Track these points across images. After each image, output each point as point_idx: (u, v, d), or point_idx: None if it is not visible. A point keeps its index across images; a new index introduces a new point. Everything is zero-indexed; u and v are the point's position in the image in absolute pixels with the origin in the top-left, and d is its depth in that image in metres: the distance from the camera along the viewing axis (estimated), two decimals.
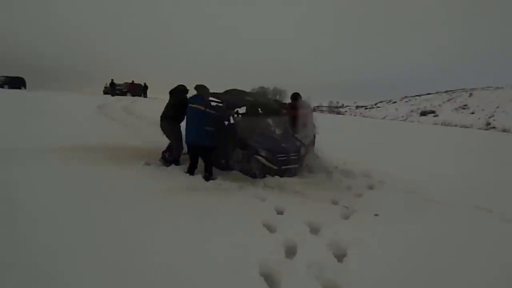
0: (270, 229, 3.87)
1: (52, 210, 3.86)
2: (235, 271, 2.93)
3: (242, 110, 7.50)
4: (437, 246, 3.73)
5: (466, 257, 3.52)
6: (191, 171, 5.83)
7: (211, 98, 6.51)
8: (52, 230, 3.39)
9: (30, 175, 4.96)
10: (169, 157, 6.46)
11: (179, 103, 6.35)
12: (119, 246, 3.21)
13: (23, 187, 4.47)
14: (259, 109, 7.49)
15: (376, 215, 4.49)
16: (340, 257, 3.38)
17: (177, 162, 6.36)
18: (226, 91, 7.47)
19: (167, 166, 6.21)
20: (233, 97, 7.13)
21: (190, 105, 5.82)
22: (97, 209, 3.99)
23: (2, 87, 28.78)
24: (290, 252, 3.40)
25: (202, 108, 5.72)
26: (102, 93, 32.17)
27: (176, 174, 5.78)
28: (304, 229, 3.91)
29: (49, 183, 4.74)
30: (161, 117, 6.55)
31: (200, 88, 6.01)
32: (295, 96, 7.35)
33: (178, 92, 6.60)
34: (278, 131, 6.68)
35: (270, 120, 6.95)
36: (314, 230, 3.93)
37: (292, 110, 7.04)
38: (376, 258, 3.36)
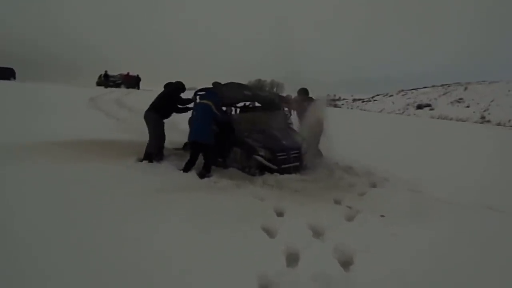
0: (270, 233, 3.56)
1: (33, 212, 3.55)
2: (231, 284, 2.64)
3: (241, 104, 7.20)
4: (452, 250, 3.44)
5: (484, 263, 3.25)
6: (187, 168, 5.52)
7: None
8: (33, 232, 3.13)
9: (9, 175, 4.60)
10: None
11: (166, 95, 6.18)
12: (104, 248, 2.94)
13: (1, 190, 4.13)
14: (258, 103, 7.14)
15: (382, 216, 4.20)
16: (346, 265, 3.10)
17: (150, 159, 5.91)
18: (224, 84, 7.12)
19: (160, 162, 5.91)
20: (230, 91, 6.75)
21: (200, 101, 5.66)
22: (81, 209, 3.68)
23: None
24: (292, 260, 3.10)
25: (210, 104, 5.51)
26: (96, 84, 31.17)
27: (169, 171, 5.47)
28: (306, 233, 3.61)
29: (30, 183, 4.39)
30: (149, 106, 6.25)
31: (215, 85, 5.94)
32: (303, 92, 6.91)
33: (171, 87, 6.38)
34: (278, 127, 6.34)
35: (269, 115, 6.61)
36: (317, 234, 3.63)
37: (298, 105, 6.66)
38: (385, 265, 3.07)
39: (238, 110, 7.31)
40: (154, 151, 6.02)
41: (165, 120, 6.24)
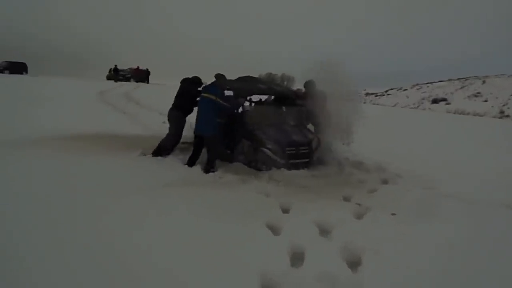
0: (274, 230, 3.43)
1: (35, 204, 3.52)
2: (231, 284, 2.51)
3: (256, 98, 7.08)
4: (467, 251, 3.24)
5: (500, 265, 3.05)
6: (191, 162, 5.45)
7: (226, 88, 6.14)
8: (33, 226, 3.08)
9: (12, 169, 4.57)
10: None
11: (184, 92, 6.11)
12: (103, 245, 2.86)
13: (6, 183, 4.09)
14: (272, 97, 6.98)
15: (393, 214, 4.01)
16: (354, 265, 2.95)
17: (159, 153, 5.88)
18: (239, 78, 6.97)
19: (165, 157, 5.84)
20: (244, 84, 6.64)
21: (202, 94, 5.57)
22: (82, 203, 3.62)
23: (3, 72, 27.89)
24: (297, 259, 2.96)
25: (213, 98, 5.41)
26: (106, 78, 31.36)
27: (174, 165, 5.40)
28: (312, 231, 3.46)
29: (32, 176, 4.35)
30: (172, 105, 6.21)
31: (218, 77, 5.75)
32: (310, 84, 6.63)
33: (187, 82, 6.27)
34: (290, 122, 6.17)
35: (282, 110, 6.44)
36: (324, 232, 3.48)
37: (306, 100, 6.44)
38: (395, 266, 2.90)
39: (253, 104, 7.18)
40: (168, 147, 5.99)
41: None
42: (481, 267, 2.99)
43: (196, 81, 6.26)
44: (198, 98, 6.08)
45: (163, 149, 5.92)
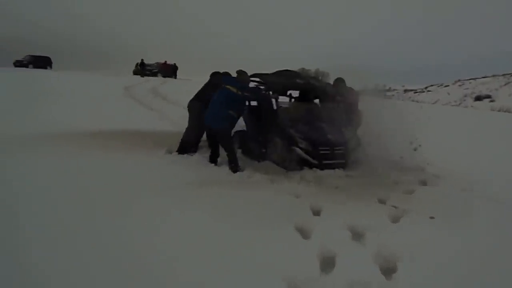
0: (304, 233, 3.30)
1: (56, 203, 3.57)
2: None
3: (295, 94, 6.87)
4: (511, 258, 2.99)
5: None
6: (213, 159, 5.39)
7: (253, 79, 6.10)
8: (55, 224, 3.13)
9: (40, 166, 4.68)
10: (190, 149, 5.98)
11: (213, 85, 5.98)
12: (124, 246, 2.86)
13: (30, 179, 4.19)
14: (310, 93, 6.61)
15: (431, 217, 3.77)
16: (389, 272, 2.77)
17: (184, 149, 5.84)
18: (276, 72, 6.77)
19: (192, 154, 5.81)
20: (279, 79, 6.41)
21: (224, 85, 5.41)
22: (102, 203, 3.65)
23: (27, 67, 27.97)
24: (327, 264, 2.82)
25: (234, 90, 5.27)
26: (132, 73, 31.03)
27: (200, 163, 5.34)
28: (344, 235, 3.30)
29: (57, 174, 4.43)
30: (194, 96, 6.20)
31: (240, 73, 5.63)
32: (340, 82, 6.42)
33: (217, 76, 6.22)
34: (327, 120, 5.90)
35: (320, 106, 6.21)
36: (357, 236, 3.31)
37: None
38: (433, 274, 2.73)
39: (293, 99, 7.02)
40: (191, 141, 5.93)
41: None
42: None
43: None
44: None
45: (187, 145, 5.87)
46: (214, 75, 6.35)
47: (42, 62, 30.20)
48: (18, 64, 29.30)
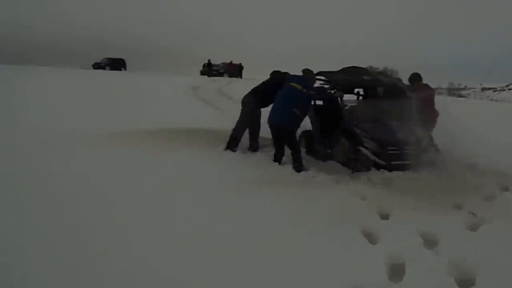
0: (371, 238, 3.17)
1: (115, 201, 3.68)
2: None
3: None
4: None
5: None
6: (277, 159, 5.35)
7: (318, 77, 5.96)
8: (111, 221, 3.24)
9: (101, 162, 4.93)
10: (251, 147, 6.03)
11: (272, 83, 5.99)
12: (187, 246, 2.87)
13: (92, 176, 4.42)
14: (380, 91, 6.15)
15: None
16: (465, 285, 2.57)
17: (233, 145, 5.91)
18: (342, 69, 6.54)
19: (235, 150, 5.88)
20: (346, 76, 6.20)
21: (288, 83, 5.37)
22: (163, 200, 3.74)
23: (104, 69, 30.65)
24: (396, 272, 2.68)
25: (299, 88, 5.20)
26: (200, 73, 32.04)
27: (262, 162, 5.35)
28: (415, 241, 3.10)
29: (113, 170, 4.65)
30: (250, 91, 6.22)
31: (305, 72, 5.54)
32: (416, 78, 6.09)
33: (278, 75, 6.21)
34: (397, 118, 5.61)
35: (389, 104, 5.85)
36: (430, 244, 3.10)
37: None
38: None
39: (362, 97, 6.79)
40: (239, 138, 5.99)
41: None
42: None
43: (288, 76, 6.15)
44: None
45: (235, 141, 5.95)
46: (274, 73, 6.34)
47: (117, 64, 33.02)
48: (97, 66, 32.27)
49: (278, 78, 6.10)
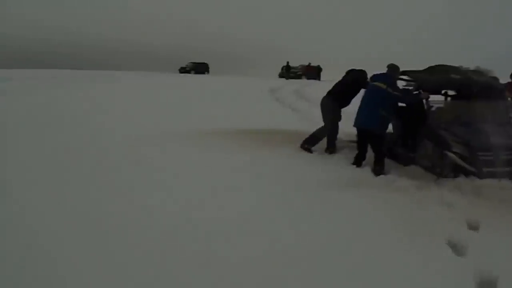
0: (457, 250, 2.97)
1: (183, 200, 3.76)
2: None
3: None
4: None
5: None
6: (358, 162, 5.21)
7: (402, 77, 5.75)
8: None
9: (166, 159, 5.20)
10: (328, 149, 5.92)
11: (350, 83, 5.93)
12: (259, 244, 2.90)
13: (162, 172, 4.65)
14: (472, 90, 5.51)
15: None
16: None
17: (311, 143, 5.88)
18: (428, 67, 6.03)
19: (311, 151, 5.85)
20: (432, 75, 5.75)
21: (372, 83, 5.24)
22: (234, 201, 3.80)
23: (189, 73, 33.10)
24: None
25: (384, 87, 5.00)
26: (278, 76, 32.67)
27: (339, 164, 5.26)
28: (509, 255, 2.85)
29: (181, 169, 4.81)
30: (327, 93, 6.15)
31: (391, 67, 5.34)
32: None
33: (355, 74, 6.07)
34: (492, 120, 5.12)
35: (482, 105, 5.30)
36: None
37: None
38: None
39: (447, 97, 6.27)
40: (321, 138, 5.93)
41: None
42: None
43: (365, 75, 5.96)
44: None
45: (315, 140, 5.92)
46: (350, 72, 6.19)
47: (201, 68, 35.57)
48: (183, 70, 35.53)
49: (354, 77, 6.00)
